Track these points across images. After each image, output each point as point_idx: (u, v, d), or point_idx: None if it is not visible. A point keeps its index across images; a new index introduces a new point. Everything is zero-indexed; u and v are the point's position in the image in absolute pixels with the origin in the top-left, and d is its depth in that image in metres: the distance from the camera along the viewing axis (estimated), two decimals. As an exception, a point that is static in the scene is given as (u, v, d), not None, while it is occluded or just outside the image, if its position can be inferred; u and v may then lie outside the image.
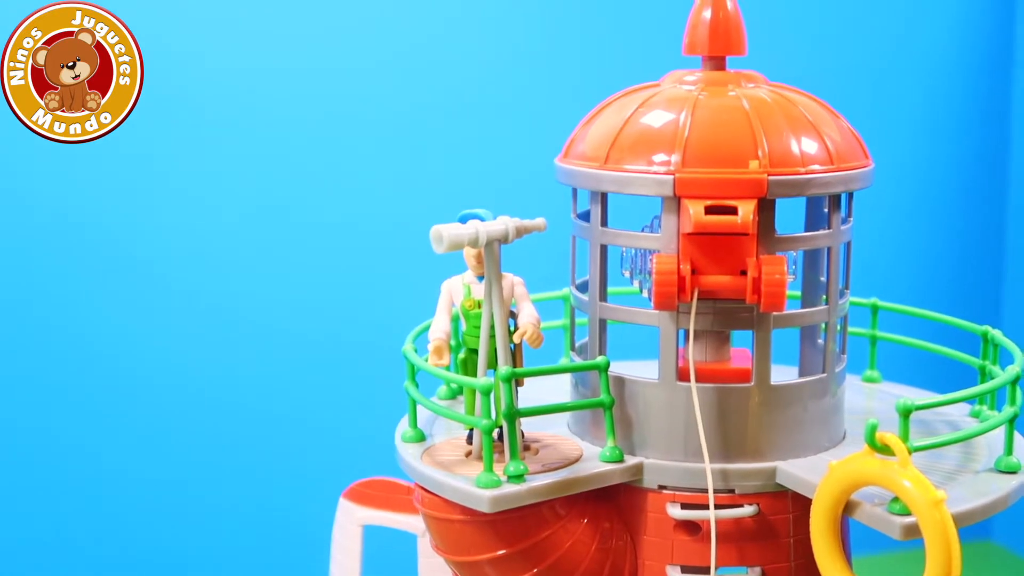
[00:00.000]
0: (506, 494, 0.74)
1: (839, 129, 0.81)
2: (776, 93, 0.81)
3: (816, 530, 0.73)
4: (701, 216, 0.74)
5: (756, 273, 0.75)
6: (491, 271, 0.77)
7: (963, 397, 0.78)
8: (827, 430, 0.82)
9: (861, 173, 0.80)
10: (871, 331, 1.00)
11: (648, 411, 0.80)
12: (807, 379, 0.81)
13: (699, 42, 0.83)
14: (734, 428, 0.79)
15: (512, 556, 0.78)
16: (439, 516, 0.79)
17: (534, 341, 0.79)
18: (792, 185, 0.77)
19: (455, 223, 0.75)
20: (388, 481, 0.93)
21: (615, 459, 0.79)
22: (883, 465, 0.70)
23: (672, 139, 0.77)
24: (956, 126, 2.23)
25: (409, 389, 0.85)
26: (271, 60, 1.89)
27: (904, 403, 0.72)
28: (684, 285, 0.76)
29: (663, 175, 0.76)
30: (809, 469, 0.77)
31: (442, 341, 0.81)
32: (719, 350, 0.86)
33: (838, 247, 0.81)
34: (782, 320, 0.79)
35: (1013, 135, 2.19)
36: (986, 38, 2.20)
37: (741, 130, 0.77)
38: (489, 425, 0.75)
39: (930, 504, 0.67)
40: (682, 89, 0.82)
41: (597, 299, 0.82)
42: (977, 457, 0.82)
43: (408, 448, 0.83)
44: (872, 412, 0.92)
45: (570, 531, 0.79)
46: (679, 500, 0.79)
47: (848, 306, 0.85)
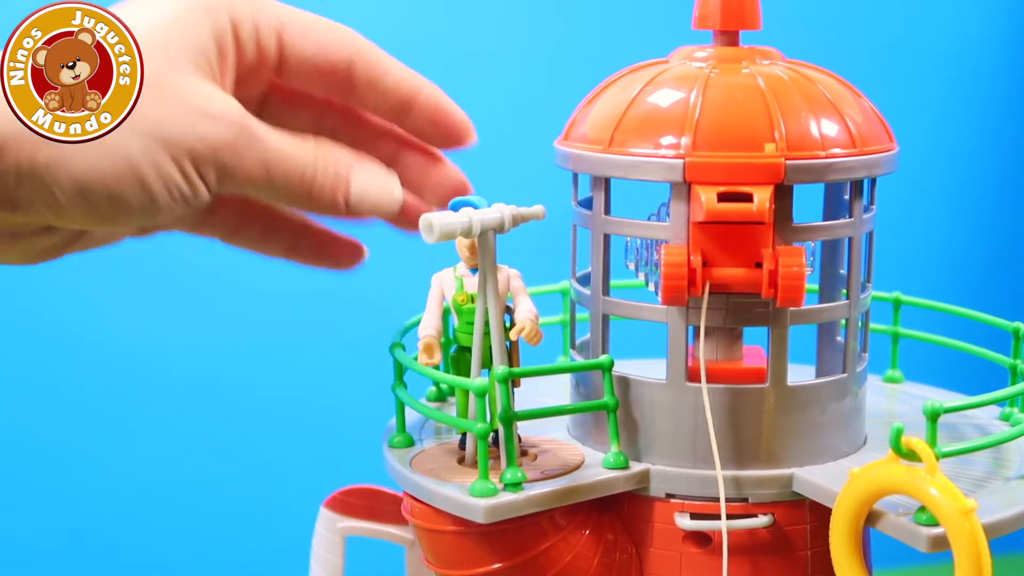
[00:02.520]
0: (502, 503, 0.74)
1: (861, 110, 0.81)
2: (793, 71, 0.82)
3: (836, 542, 0.74)
4: (713, 203, 0.74)
5: (772, 265, 0.75)
6: (486, 263, 0.77)
7: (994, 399, 0.79)
8: (847, 434, 0.82)
9: (885, 157, 0.80)
10: (893, 328, 1.00)
11: (655, 414, 0.80)
12: (826, 379, 0.82)
13: (710, 15, 0.83)
14: (747, 432, 0.79)
15: (509, 570, 0.78)
16: (430, 527, 0.79)
17: (532, 338, 0.79)
18: (811, 170, 0.77)
19: (446, 211, 0.75)
20: (372, 489, 0.93)
21: (619, 466, 0.79)
22: (909, 472, 0.70)
23: (681, 120, 0.77)
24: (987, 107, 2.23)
25: (397, 390, 0.85)
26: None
27: (932, 406, 0.72)
28: (694, 278, 0.76)
29: (672, 159, 0.77)
30: (828, 476, 0.77)
31: (432, 338, 0.81)
32: (731, 348, 0.86)
33: (860, 237, 0.82)
34: (800, 316, 0.79)
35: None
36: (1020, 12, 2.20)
37: (756, 111, 0.77)
38: (484, 429, 0.75)
39: (959, 514, 0.68)
40: (692, 66, 0.82)
41: (600, 293, 0.82)
42: (1008, 463, 0.82)
43: (396, 454, 0.83)
44: (895, 415, 0.92)
45: (571, 543, 0.79)
46: (688, 510, 0.79)
47: (870, 301, 0.85)
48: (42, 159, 0.64)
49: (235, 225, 0.79)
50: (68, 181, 0.64)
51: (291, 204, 0.73)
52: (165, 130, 0.65)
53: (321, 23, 0.75)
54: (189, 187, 0.67)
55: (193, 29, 0.69)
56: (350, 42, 0.75)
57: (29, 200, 0.65)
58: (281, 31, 0.73)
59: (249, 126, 0.69)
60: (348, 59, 0.74)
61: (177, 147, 0.66)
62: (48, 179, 0.64)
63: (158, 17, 0.69)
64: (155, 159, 0.65)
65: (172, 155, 0.66)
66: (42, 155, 0.64)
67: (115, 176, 0.65)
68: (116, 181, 0.65)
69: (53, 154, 0.64)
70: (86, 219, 0.66)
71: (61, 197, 0.65)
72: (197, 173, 0.67)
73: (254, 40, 0.72)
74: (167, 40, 0.67)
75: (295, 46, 0.74)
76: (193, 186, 0.67)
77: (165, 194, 0.66)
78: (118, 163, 0.65)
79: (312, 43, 0.74)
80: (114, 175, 0.65)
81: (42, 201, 0.65)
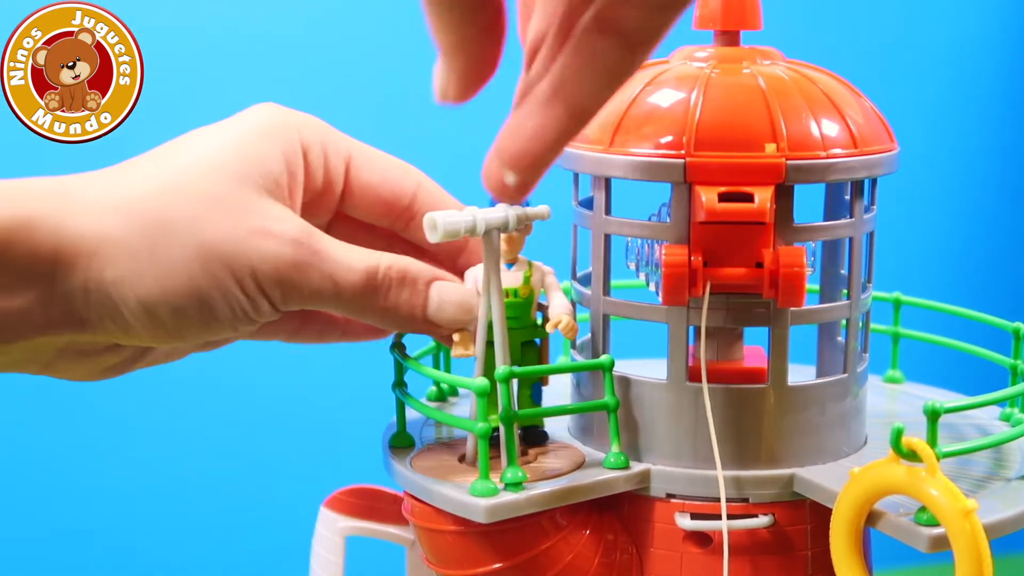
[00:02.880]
0: (503, 503, 0.74)
1: (862, 110, 0.81)
2: (794, 71, 0.82)
3: (836, 542, 0.74)
4: (714, 203, 0.74)
5: (773, 265, 0.75)
6: (490, 263, 0.77)
7: (995, 399, 0.79)
8: (848, 434, 0.82)
9: (886, 158, 0.80)
10: (893, 328, 1.00)
11: (655, 414, 0.80)
12: (826, 379, 0.82)
13: (711, 15, 0.83)
14: (748, 432, 0.79)
15: (509, 570, 0.78)
16: (430, 527, 0.79)
17: (569, 331, 0.80)
18: (812, 170, 0.77)
19: (451, 210, 0.75)
20: (373, 489, 0.93)
21: (620, 466, 0.79)
22: (909, 472, 0.70)
23: (682, 120, 0.77)
24: (987, 107, 2.24)
25: (397, 390, 0.85)
26: (269, 58, 1.91)
27: (933, 406, 0.72)
28: (695, 278, 0.76)
29: (672, 159, 0.77)
30: (829, 476, 0.77)
31: (468, 331, 0.80)
32: (732, 348, 0.86)
33: (860, 238, 0.82)
34: (800, 316, 0.79)
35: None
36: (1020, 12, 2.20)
37: (757, 111, 0.77)
38: (485, 429, 0.75)
39: (960, 514, 0.68)
40: (692, 66, 0.82)
41: (600, 293, 0.82)
42: (1009, 464, 0.82)
43: (396, 454, 0.83)
44: (895, 415, 0.92)
45: (571, 543, 0.79)
46: (689, 510, 0.79)
47: (871, 301, 0.85)
48: (109, 277, 0.64)
49: (298, 327, 0.80)
50: (134, 299, 0.65)
51: (364, 318, 0.73)
52: (226, 249, 0.66)
53: (387, 156, 0.77)
54: (251, 305, 0.68)
55: (264, 151, 0.70)
56: (414, 175, 0.77)
57: (98, 318, 0.65)
58: (349, 159, 0.74)
59: (316, 243, 0.68)
60: (412, 192, 0.75)
61: (239, 266, 0.66)
62: (116, 297, 0.65)
63: (230, 139, 0.69)
64: (217, 278, 0.66)
65: (234, 274, 0.66)
66: (109, 273, 0.64)
67: (177, 295, 0.65)
68: (179, 299, 0.65)
69: (120, 273, 0.64)
70: (152, 337, 0.67)
71: (128, 315, 0.65)
72: (260, 291, 0.67)
73: (322, 165, 0.73)
74: (238, 161, 0.68)
75: (361, 175, 0.75)
76: (255, 304, 0.68)
77: (228, 312, 0.67)
78: (181, 281, 0.65)
79: (378, 173, 0.76)
80: (176, 294, 0.65)
81: (110, 319, 0.65)
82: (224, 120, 0.71)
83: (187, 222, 0.66)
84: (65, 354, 0.69)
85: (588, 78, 0.54)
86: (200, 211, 0.66)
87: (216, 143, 0.69)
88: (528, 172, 0.56)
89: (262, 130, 0.70)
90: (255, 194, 0.68)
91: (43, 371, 0.70)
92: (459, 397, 0.95)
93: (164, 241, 0.65)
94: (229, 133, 0.70)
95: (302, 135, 0.72)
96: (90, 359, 0.70)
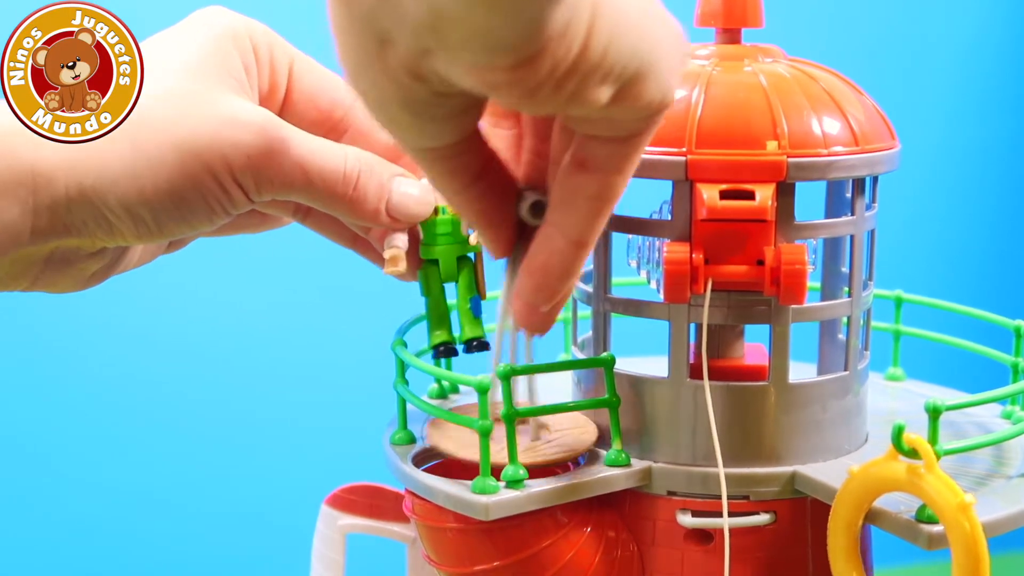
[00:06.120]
0: (504, 500, 0.74)
1: (863, 108, 0.81)
2: (796, 69, 0.82)
3: (834, 540, 0.74)
4: (715, 201, 0.75)
5: (775, 263, 0.75)
6: None
7: (996, 397, 0.79)
8: (848, 432, 0.83)
9: (887, 155, 0.81)
10: (895, 326, 1.01)
11: (656, 411, 0.80)
12: (827, 377, 0.82)
13: (713, 13, 0.83)
14: (749, 430, 0.79)
15: (509, 567, 0.78)
16: (431, 525, 0.79)
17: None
18: (813, 168, 0.77)
19: None
20: (374, 487, 0.94)
21: (621, 463, 0.80)
22: (908, 469, 0.70)
23: (683, 118, 0.77)
24: (989, 105, 2.24)
25: (398, 388, 0.85)
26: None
27: (934, 403, 0.73)
28: (696, 276, 0.76)
29: (673, 156, 0.77)
30: (830, 474, 0.78)
31: (399, 249, 0.80)
32: (733, 346, 0.86)
33: (862, 235, 0.82)
34: (802, 314, 0.80)
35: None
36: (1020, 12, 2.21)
37: (758, 108, 0.77)
38: (487, 427, 0.75)
39: (956, 509, 0.68)
40: (694, 64, 0.82)
41: (601, 291, 0.83)
42: (1010, 461, 0.82)
43: (397, 451, 0.84)
44: (896, 413, 0.93)
45: (572, 541, 0.79)
46: (690, 507, 0.79)
47: (872, 299, 0.85)
48: (89, 183, 0.66)
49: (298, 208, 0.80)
50: (115, 201, 0.67)
51: (332, 209, 0.74)
52: (199, 142, 0.68)
53: (325, 68, 0.77)
54: (226, 197, 0.69)
55: (225, 51, 0.72)
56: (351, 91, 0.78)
57: (83, 223, 0.67)
58: (291, 65, 0.76)
59: (283, 131, 0.70)
60: (349, 103, 0.76)
61: (211, 156, 0.68)
62: (97, 201, 0.67)
63: (191, 41, 0.71)
64: (192, 171, 0.68)
65: (207, 165, 0.68)
66: (88, 180, 0.66)
67: (157, 193, 0.67)
68: (158, 197, 0.68)
69: (99, 178, 0.66)
70: (135, 235, 0.69)
71: (111, 217, 0.67)
72: (234, 181, 0.69)
73: (269, 69, 0.75)
74: (200, 62, 0.70)
75: (303, 81, 0.77)
76: (230, 195, 0.69)
77: (203, 205, 0.69)
78: (160, 180, 0.67)
79: (318, 81, 0.77)
80: (156, 192, 0.67)
81: (94, 223, 0.68)
82: (174, 26, 0.73)
83: (159, 121, 0.67)
84: (51, 264, 0.71)
85: (575, 210, 0.61)
86: (170, 110, 0.68)
87: (175, 46, 0.71)
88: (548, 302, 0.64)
89: (217, 32, 0.73)
90: (221, 90, 0.70)
91: (31, 287, 0.72)
92: (460, 394, 0.95)
93: (138, 142, 0.67)
94: (187, 37, 0.72)
95: (252, 38, 0.74)
96: (74, 268, 0.72)
